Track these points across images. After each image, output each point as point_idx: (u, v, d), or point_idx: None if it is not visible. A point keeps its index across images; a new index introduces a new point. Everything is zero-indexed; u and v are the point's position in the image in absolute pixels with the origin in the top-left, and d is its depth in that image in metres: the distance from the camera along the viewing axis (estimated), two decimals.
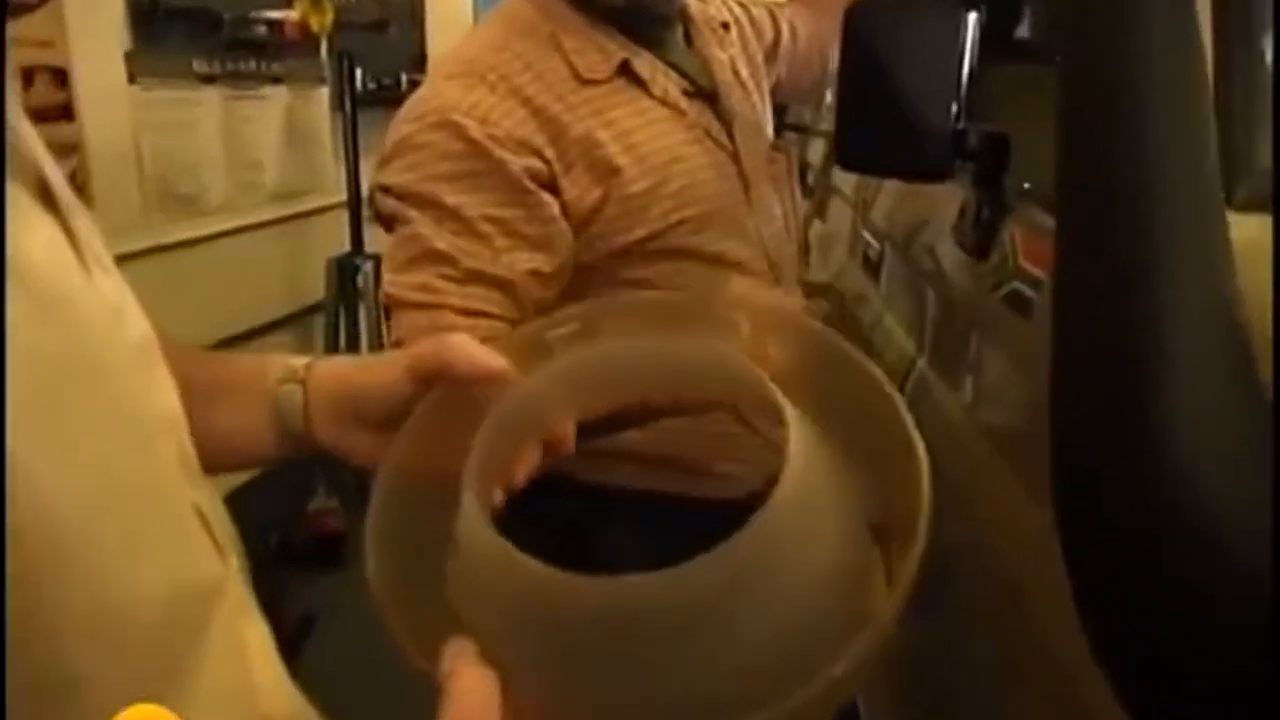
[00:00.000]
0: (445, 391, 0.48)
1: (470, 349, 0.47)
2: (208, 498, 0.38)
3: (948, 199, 1.13)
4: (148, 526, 0.30)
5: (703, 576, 0.35)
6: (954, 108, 0.90)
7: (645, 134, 0.93)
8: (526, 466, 0.48)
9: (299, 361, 0.53)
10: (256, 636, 0.38)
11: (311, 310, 2.89)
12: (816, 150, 2.28)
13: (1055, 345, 0.64)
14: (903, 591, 0.35)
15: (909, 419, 0.40)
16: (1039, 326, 0.83)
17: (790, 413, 0.39)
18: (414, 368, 0.49)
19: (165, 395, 0.38)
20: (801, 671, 0.33)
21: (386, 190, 0.91)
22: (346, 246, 2.78)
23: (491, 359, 0.47)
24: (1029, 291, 0.85)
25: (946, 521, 0.38)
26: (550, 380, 0.48)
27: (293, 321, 2.85)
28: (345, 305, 2.77)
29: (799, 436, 0.38)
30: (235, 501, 0.52)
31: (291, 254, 2.81)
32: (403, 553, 0.41)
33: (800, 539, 0.37)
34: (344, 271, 2.75)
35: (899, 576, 0.35)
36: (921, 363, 1.16)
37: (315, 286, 2.82)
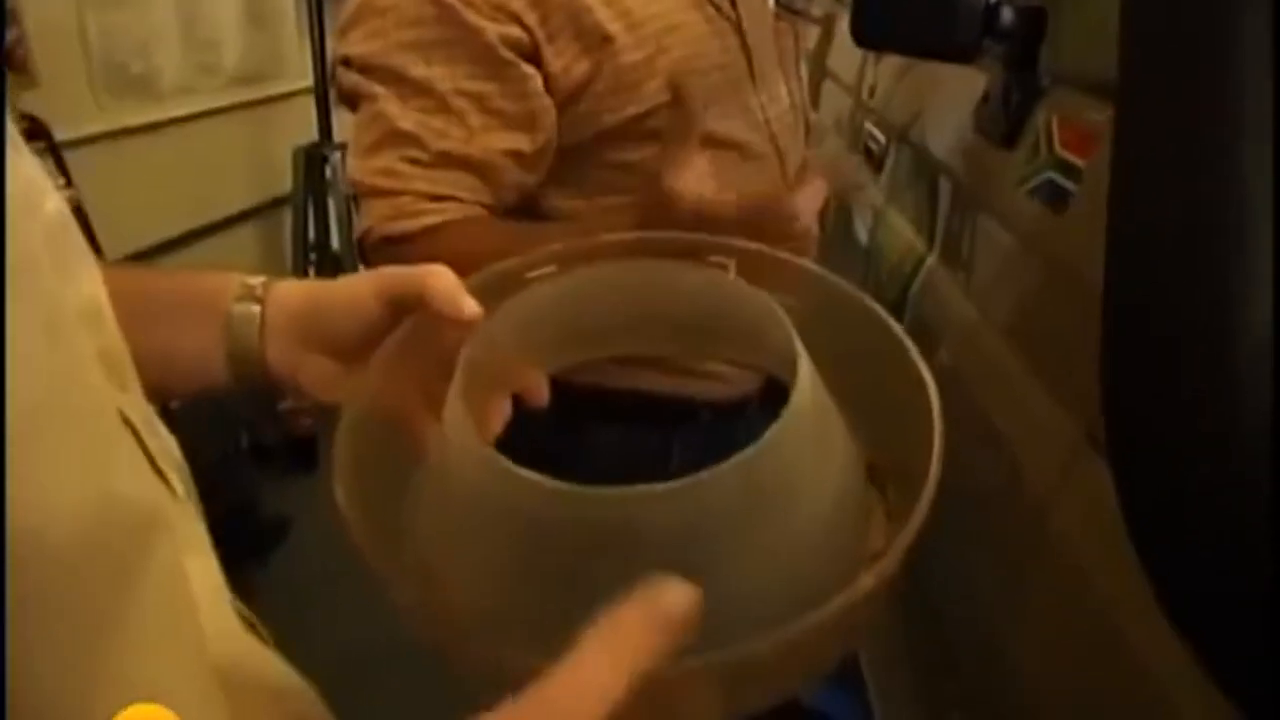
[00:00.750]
0: (418, 324, 0.45)
1: (452, 286, 0.45)
2: (144, 412, 0.31)
3: (964, 83, 1.05)
4: (58, 434, 0.24)
5: (718, 488, 0.32)
6: None
7: None
8: (500, 419, 0.47)
9: (256, 280, 0.49)
10: (202, 572, 0.32)
11: (278, 203, 2.78)
12: (809, 35, 2.17)
13: (1112, 237, 0.57)
14: (913, 530, 0.32)
15: (917, 355, 0.38)
16: (1075, 220, 0.77)
17: (792, 328, 0.38)
18: (389, 289, 0.46)
19: (84, 284, 0.31)
20: (812, 599, 0.30)
21: (348, 63, 0.82)
22: (314, 135, 2.66)
23: (470, 305, 0.44)
24: (1065, 182, 0.79)
25: (959, 431, 0.34)
26: (519, 326, 0.46)
27: (257, 215, 2.76)
28: (314, 198, 2.67)
29: (805, 354, 0.37)
30: (205, 402, 0.47)
31: (254, 142, 2.69)
32: (370, 481, 0.38)
33: (815, 456, 0.36)
34: (311, 162, 2.64)
35: (910, 515, 0.33)
36: (931, 259, 1.10)
37: (281, 178, 2.70)
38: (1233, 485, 0.49)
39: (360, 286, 0.47)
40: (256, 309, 0.48)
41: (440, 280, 0.44)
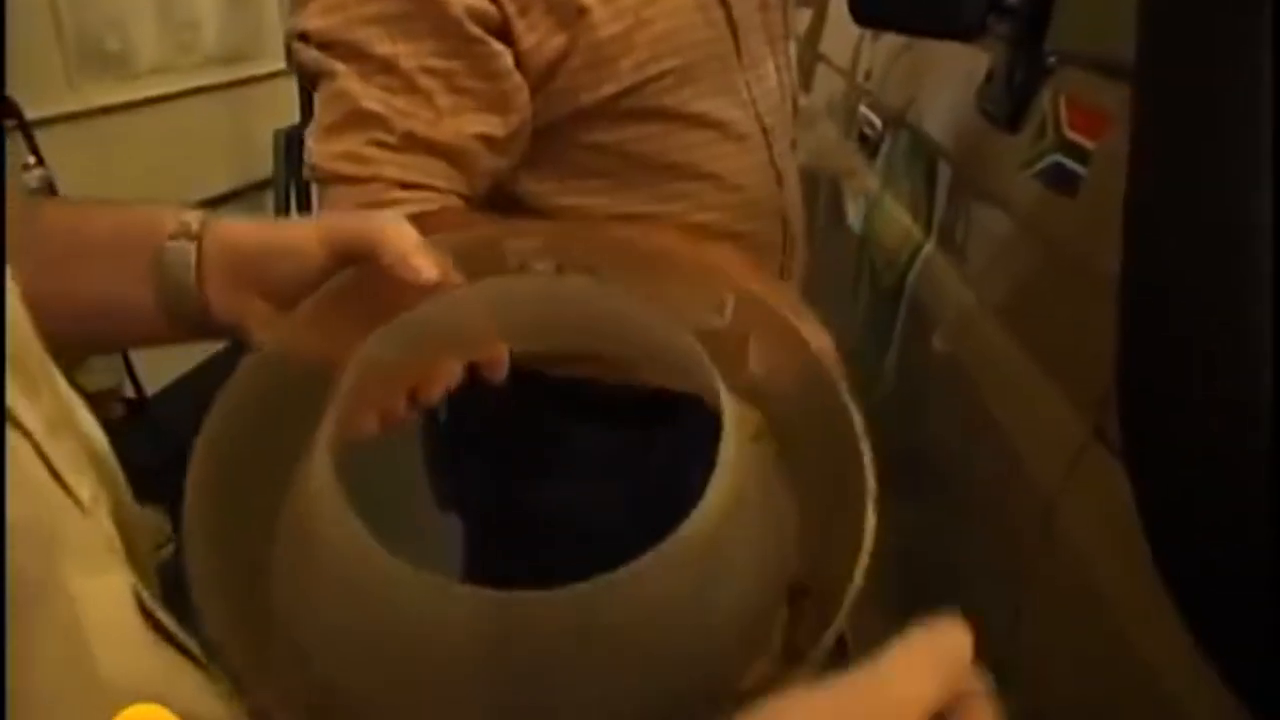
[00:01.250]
0: (358, 276, 0.41)
1: (405, 243, 0.41)
2: (55, 412, 0.28)
3: (966, 62, 1.02)
4: None
5: (600, 599, 0.31)
6: None
7: None
8: (445, 381, 0.44)
9: (193, 215, 0.44)
10: (107, 591, 0.29)
11: (259, 187, 2.74)
12: (800, 16, 2.14)
13: (1129, 227, 0.54)
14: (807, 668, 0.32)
15: (871, 482, 0.35)
16: (1084, 205, 0.74)
17: (729, 427, 0.35)
18: (337, 238, 0.42)
19: None
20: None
21: (305, 38, 0.78)
22: (296, 117, 2.60)
23: (426, 267, 0.40)
24: (1074, 165, 0.76)
25: (959, 426, 0.32)
26: (482, 297, 0.42)
27: (238, 199, 2.71)
28: (296, 181, 2.62)
29: (731, 451, 0.34)
30: (185, 387, 0.43)
31: (235, 124, 2.65)
32: (241, 485, 0.35)
33: (699, 578, 0.33)
34: (293, 144, 2.60)
35: (810, 649, 0.32)
36: (929, 247, 1.07)
37: (262, 161, 2.66)
38: (1250, 485, 0.46)
39: (306, 231, 0.43)
40: (191, 247, 0.43)
41: (392, 229, 0.41)
